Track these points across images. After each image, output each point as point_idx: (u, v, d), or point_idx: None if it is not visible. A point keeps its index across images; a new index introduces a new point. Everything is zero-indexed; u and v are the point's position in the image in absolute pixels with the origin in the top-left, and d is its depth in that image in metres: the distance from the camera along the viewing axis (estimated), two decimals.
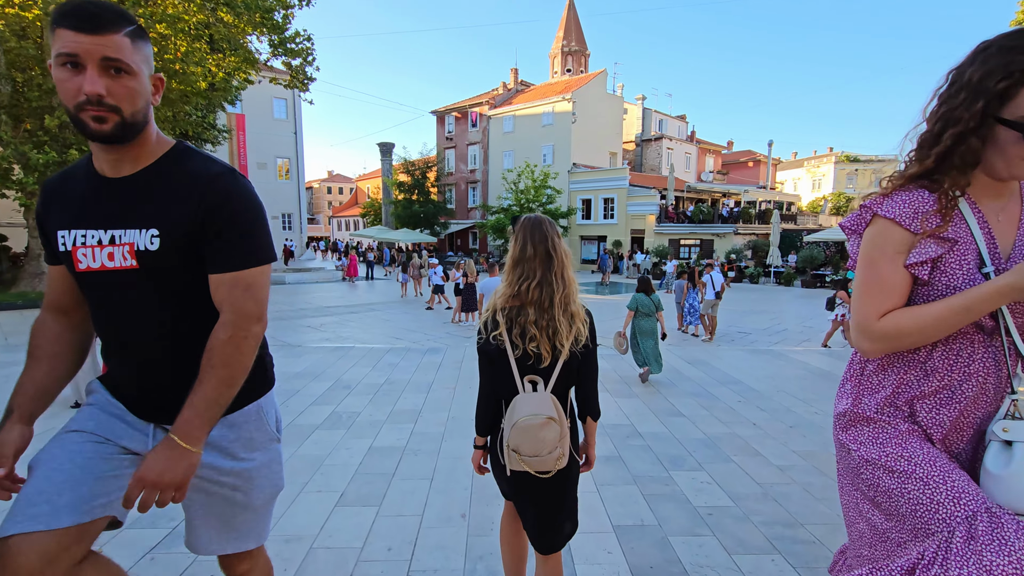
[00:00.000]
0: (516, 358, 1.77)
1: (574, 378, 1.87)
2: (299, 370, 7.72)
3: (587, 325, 1.85)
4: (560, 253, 1.81)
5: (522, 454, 1.68)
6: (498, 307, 1.81)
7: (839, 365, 8.43)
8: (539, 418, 1.65)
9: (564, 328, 1.76)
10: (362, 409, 5.99)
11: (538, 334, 1.74)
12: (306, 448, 4.88)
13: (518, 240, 1.82)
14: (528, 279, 1.76)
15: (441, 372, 7.73)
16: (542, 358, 1.76)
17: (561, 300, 1.77)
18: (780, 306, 16.90)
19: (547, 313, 1.75)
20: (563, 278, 1.79)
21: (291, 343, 9.84)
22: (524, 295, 1.77)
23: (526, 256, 1.78)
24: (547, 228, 1.83)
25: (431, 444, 5.00)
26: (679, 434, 5.30)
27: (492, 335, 1.78)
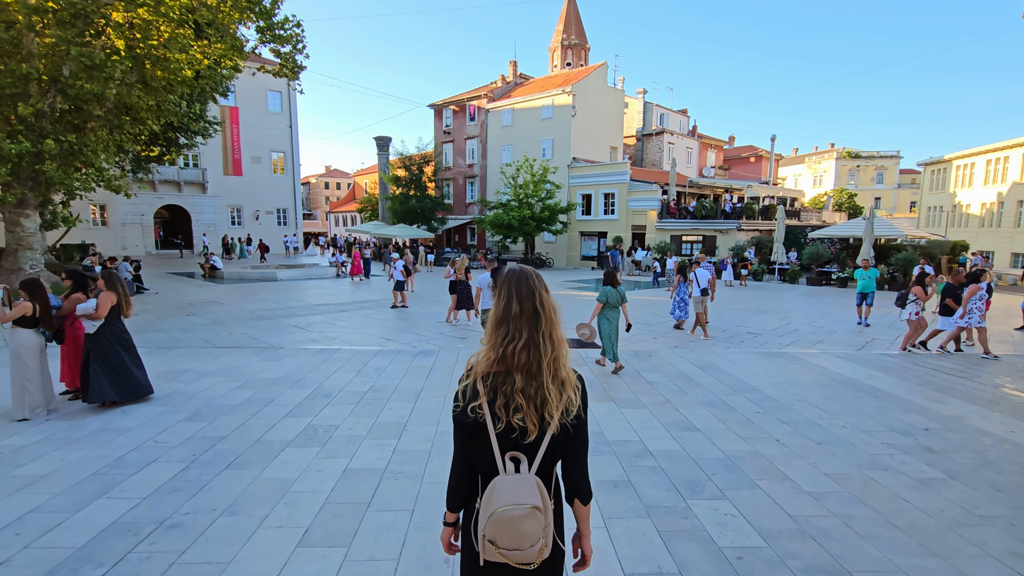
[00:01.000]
0: (498, 432, 1.50)
1: (561, 453, 1.59)
2: (277, 375, 7.13)
3: (579, 392, 1.58)
4: (548, 310, 1.56)
5: (500, 547, 1.45)
6: (479, 374, 1.54)
7: (862, 371, 7.86)
8: (522, 508, 1.43)
9: (554, 397, 1.50)
10: (341, 422, 5.41)
11: (525, 404, 1.48)
12: (273, 470, 4.29)
13: (502, 296, 1.57)
14: (513, 340, 1.50)
15: (432, 378, 7.14)
16: (528, 432, 1.49)
17: (550, 364, 1.52)
18: (786, 304, 16.32)
19: (535, 380, 1.49)
20: (552, 339, 1.54)
21: (273, 344, 9.25)
22: (510, 359, 1.51)
23: (511, 314, 1.53)
24: (534, 282, 1.58)
25: (415, 465, 4.41)
26: (695, 452, 4.72)
27: (471, 406, 1.51)
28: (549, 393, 1.49)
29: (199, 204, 38.15)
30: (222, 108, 37.51)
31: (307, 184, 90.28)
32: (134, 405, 5.81)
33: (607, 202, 32.10)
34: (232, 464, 4.38)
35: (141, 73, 14.01)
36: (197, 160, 38.12)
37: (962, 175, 43.58)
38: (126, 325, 6.04)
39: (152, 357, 8.09)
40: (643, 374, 7.45)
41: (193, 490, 3.92)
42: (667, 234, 29.74)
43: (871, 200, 57.27)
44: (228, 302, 14.74)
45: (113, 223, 35.10)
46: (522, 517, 1.43)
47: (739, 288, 20.25)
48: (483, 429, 1.50)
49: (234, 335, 10.09)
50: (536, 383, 1.49)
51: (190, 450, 4.65)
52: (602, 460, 4.52)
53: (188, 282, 20.15)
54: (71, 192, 14.51)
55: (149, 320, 11.68)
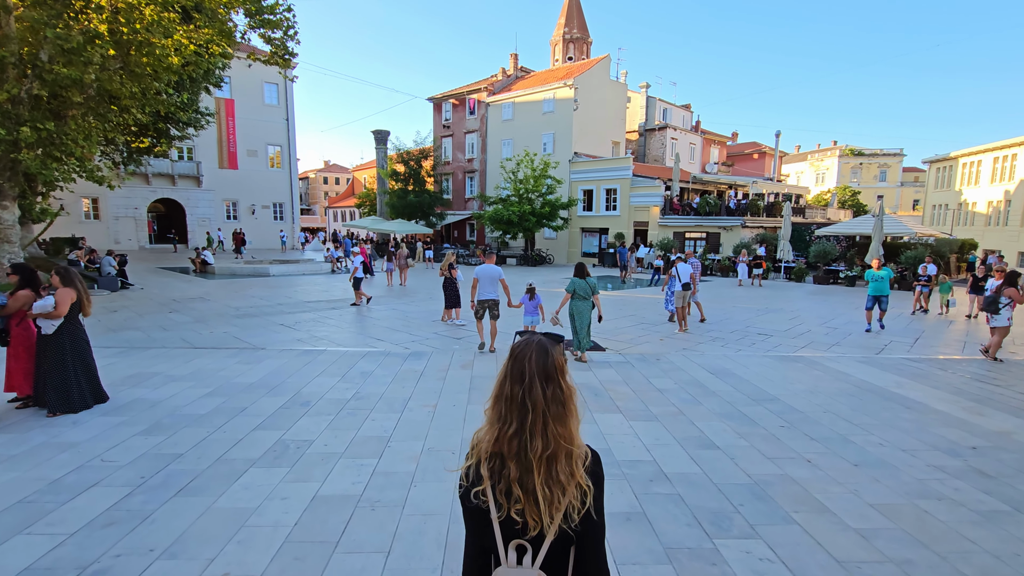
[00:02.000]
0: (500, 521, 1.30)
1: (572, 544, 1.33)
2: (253, 380, 6.54)
3: (589, 493, 1.29)
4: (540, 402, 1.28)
5: None
6: (483, 455, 1.34)
7: (887, 378, 7.27)
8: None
9: (551, 497, 1.26)
10: (317, 436, 4.82)
11: (522, 496, 1.26)
12: (230, 497, 3.70)
13: (503, 369, 1.37)
14: (504, 424, 1.30)
15: (422, 384, 6.55)
16: (528, 526, 1.28)
17: (543, 462, 1.26)
18: (795, 304, 15.73)
19: (528, 474, 1.27)
20: (546, 435, 1.27)
21: (255, 344, 8.65)
22: (503, 444, 1.30)
23: (503, 394, 1.33)
24: (533, 363, 1.31)
25: (396, 491, 3.82)
26: (717, 476, 4.13)
27: (474, 491, 1.32)
28: (545, 491, 1.26)
29: (194, 198, 37.54)
30: (217, 100, 36.82)
31: (305, 179, 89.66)
32: (87, 415, 5.22)
33: (609, 198, 31.47)
34: (184, 489, 3.79)
35: (125, 59, 13.38)
36: (192, 153, 37.50)
37: (968, 173, 42.98)
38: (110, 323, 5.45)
39: (121, 358, 7.51)
40: (652, 380, 6.86)
41: (132, 523, 3.34)
42: (670, 231, 29.13)
43: (874, 198, 56.65)
44: (215, 298, 14.14)
45: (106, 217, 34.47)
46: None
47: (751, 288, 19.53)
48: (486, 516, 1.32)
49: (216, 334, 9.50)
50: (530, 478, 1.26)
51: (139, 471, 4.06)
52: (611, 486, 3.93)
53: (178, 277, 19.54)
54: (51, 183, 13.89)
55: (128, 317, 11.08)
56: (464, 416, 5.37)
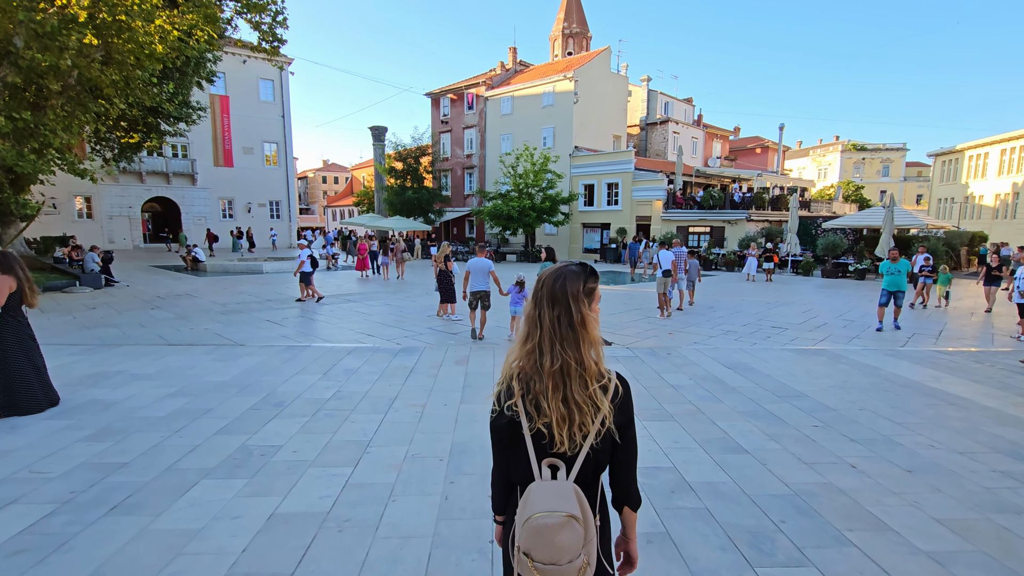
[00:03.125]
0: (532, 434, 1.36)
1: (606, 462, 1.40)
2: (225, 379, 5.93)
3: (618, 402, 1.37)
4: (576, 319, 1.36)
5: (535, 560, 1.27)
6: (514, 374, 1.42)
7: (922, 372, 6.65)
8: (556, 516, 1.26)
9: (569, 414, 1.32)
10: (286, 441, 4.21)
11: (550, 411, 1.32)
12: (172, 515, 3.09)
13: (533, 297, 1.43)
14: (526, 341, 1.40)
15: (411, 381, 5.94)
16: (556, 440, 1.33)
17: (577, 375, 1.34)
18: (806, 297, 15.10)
19: (560, 390, 1.33)
20: (554, 353, 1.34)
21: (234, 340, 8.05)
22: (524, 358, 1.40)
23: (533, 318, 1.40)
24: (567, 284, 1.39)
25: (370, 507, 3.22)
26: (750, 486, 3.52)
27: (506, 405, 1.39)
28: (574, 405, 1.33)
29: (189, 196, 36.95)
30: (211, 96, 36.23)
31: (304, 178, 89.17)
32: (28, 418, 4.61)
33: (610, 192, 30.84)
34: (119, 507, 3.18)
35: (106, 46, 12.79)
36: (186, 151, 36.93)
37: (975, 165, 42.33)
38: (103, 317, 4.85)
39: (85, 356, 6.92)
40: (664, 376, 6.25)
41: (44, 551, 2.73)
42: (673, 225, 28.50)
43: (877, 193, 56.01)
44: (202, 295, 13.54)
45: (99, 216, 33.86)
46: (557, 526, 1.26)
47: (759, 282, 18.78)
48: (518, 430, 1.38)
49: (196, 331, 8.90)
50: (561, 392, 1.34)
51: (72, 484, 3.46)
52: None
53: (167, 275, 18.95)
54: (29, 175, 13.31)
55: (107, 314, 10.49)
56: (456, 417, 4.77)
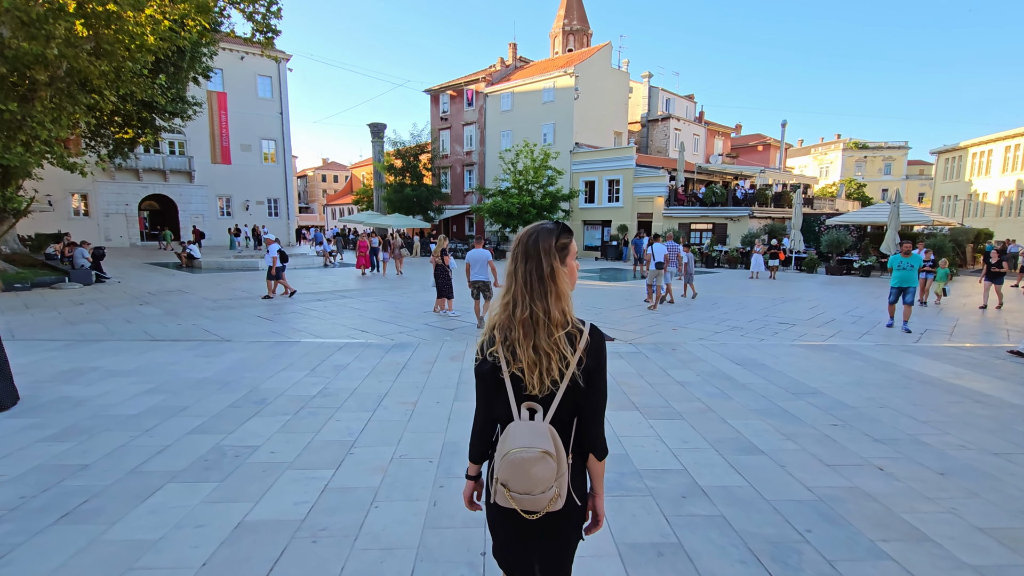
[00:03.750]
0: (510, 377, 1.46)
1: (577, 408, 1.50)
2: (207, 375, 5.62)
3: (588, 350, 1.46)
4: (546, 271, 1.45)
5: (511, 490, 1.41)
6: (495, 324, 1.51)
7: (943, 368, 6.33)
8: (532, 452, 1.38)
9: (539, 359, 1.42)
10: (264, 440, 3.90)
11: (524, 356, 1.43)
12: (128, 524, 2.78)
13: (511, 253, 1.53)
14: (511, 295, 1.49)
15: (403, 378, 5.63)
16: (533, 385, 1.44)
17: (543, 324, 1.43)
18: (811, 294, 14.78)
19: (530, 338, 1.43)
20: (525, 304, 1.44)
21: (221, 336, 7.74)
22: (503, 309, 1.50)
23: (513, 271, 1.50)
24: (539, 240, 1.48)
25: (350, 514, 2.90)
26: (769, 490, 3.21)
27: (488, 352, 1.49)
28: (530, 354, 1.43)
29: (186, 194, 36.62)
30: (209, 93, 35.95)
31: (304, 177, 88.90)
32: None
33: (611, 189, 30.50)
34: (71, 514, 2.87)
35: (96, 37, 12.48)
36: (183, 148, 36.61)
37: (978, 163, 41.99)
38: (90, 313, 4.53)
39: (63, 352, 6.61)
40: (670, 372, 5.93)
41: None
42: (675, 222, 28.17)
43: (879, 191, 55.68)
44: (194, 291, 13.24)
45: (96, 213, 33.54)
46: (532, 460, 1.38)
47: (764, 279, 18.33)
48: (499, 374, 1.48)
49: (183, 326, 8.59)
50: (530, 340, 1.43)
51: (23, 488, 3.15)
52: (633, 505, 3.01)
53: (161, 272, 18.65)
54: (15, 169, 13.00)
55: (93, 310, 10.18)
56: (449, 415, 4.46)
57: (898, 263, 9.41)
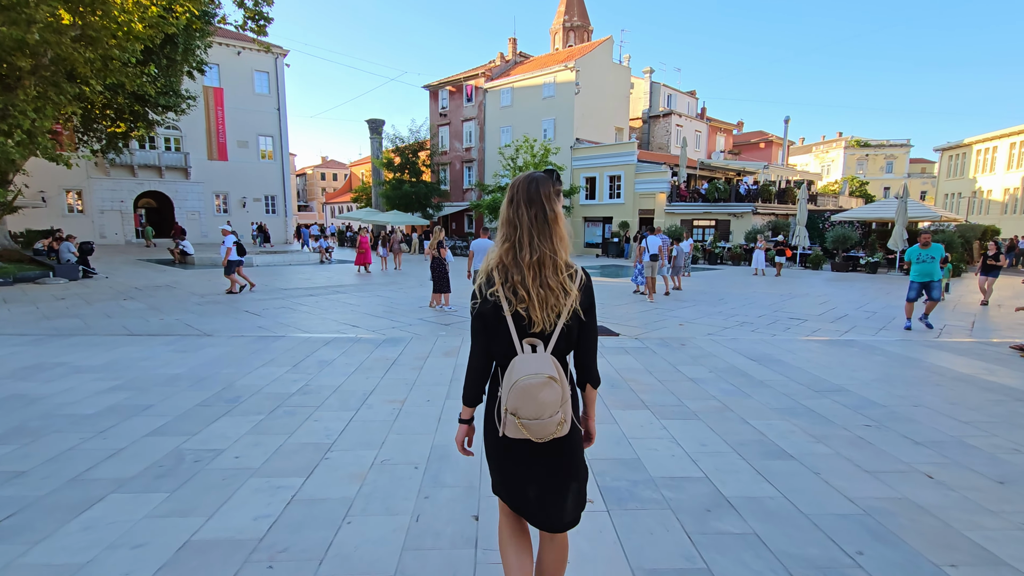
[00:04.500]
0: (512, 315, 1.55)
1: (573, 343, 1.63)
2: (179, 371, 5.19)
3: (582, 288, 1.59)
4: (550, 216, 1.57)
5: (521, 417, 1.49)
6: (493, 266, 1.60)
7: (974, 364, 5.90)
8: (540, 377, 1.47)
9: (556, 292, 1.53)
10: (230, 443, 3.47)
11: (527, 297, 1.52)
12: (54, 544, 2.35)
13: (510, 199, 1.61)
14: (504, 239, 1.59)
15: (392, 374, 5.20)
16: (534, 322, 1.54)
17: (551, 263, 1.54)
18: (819, 290, 14.35)
19: (538, 277, 1.54)
20: (532, 246, 1.54)
21: (203, 330, 7.30)
22: (503, 254, 1.58)
23: (515, 219, 1.57)
24: (540, 187, 1.58)
25: (317, 531, 2.47)
26: (806, 502, 2.77)
27: (488, 292, 1.57)
28: (549, 289, 1.52)
29: (182, 190, 36.14)
30: (205, 89, 35.52)
31: (303, 175, 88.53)
32: None
33: (612, 185, 30.06)
34: None
35: (82, 23, 12.05)
36: (179, 144, 36.15)
37: (983, 160, 41.56)
38: None
39: (30, 347, 6.17)
40: (680, 368, 5.50)
41: None
42: (677, 218, 27.73)
43: (881, 190, 55.24)
44: (183, 286, 12.82)
45: (90, 210, 33.07)
46: (540, 385, 1.46)
47: (770, 277, 17.73)
48: (500, 314, 1.55)
49: (165, 321, 8.16)
50: (539, 280, 1.52)
51: None
52: (649, 520, 2.58)
53: (152, 268, 18.21)
54: (1, 160, 12.56)
55: (73, 304, 9.75)
56: (440, 415, 4.03)
57: (916, 255, 8.49)
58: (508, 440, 1.57)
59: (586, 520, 2.53)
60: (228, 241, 11.47)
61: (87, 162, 30.64)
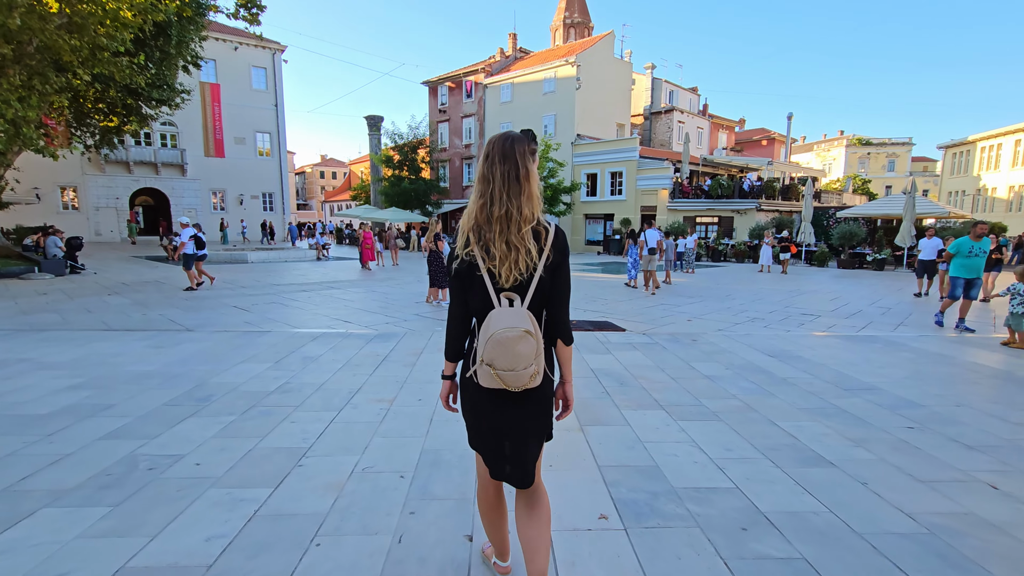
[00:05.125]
0: (487, 272, 1.59)
1: (547, 298, 1.65)
2: (150, 368, 4.78)
3: (552, 243, 1.61)
4: (523, 173, 1.59)
5: (496, 368, 1.54)
6: (468, 228, 1.64)
7: (1008, 361, 5.50)
8: (516, 331, 1.51)
9: (521, 250, 1.56)
10: (193, 448, 3.06)
11: (498, 254, 1.56)
12: None
13: (486, 155, 1.63)
14: (490, 197, 1.59)
15: (382, 371, 4.79)
16: (507, 278, 1.57)
17: (517, 219, 1.57)
18: (828, 286, 13.95)
19: (504, 233, 1.57)
20: (502, 202, 1.56)
21: (185, 325, 6.90)
22: (477, 212, 1.61)
23: (489, 175, 1.60)
24: (515, 144, 1.61)
25: (281, 554, 2.06)
26: (858, 519, 2.36)
27: (465, 251, 1.61)
28: (502, 247, 1.55)
29: (179, 188, 35.71)
30: (202, 84, 35.11)
31: (302, 174, 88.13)
32: None
33: (614, 181, 29.64)
34: None
35: (69, 9, 11.65)
36: (176, 140, 35.73)
37: (987, 157, 41.13)
38: None
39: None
40: (694, 365, 5.09)
41: None
42: (680, 215, 27.29)
43: (883, 188, 54.83)
44: (172, 282, 12.41)
45: (85, 207, 32.66)
46: (516, 338, 1.50)
47: (776, 274, 17.21)
48: (475, 271, 1.59)
49: (148, 316, 7.76)
50: (507, 235, 1.55)
51: None
52: (675, 540, 2.17)
53: (145, 264, 17.81)
54: None
55: (55, 300, 9.34)
56: (431, 415, 3.62)
57: (968, 248, 7.34)
58: (483, 388, 1.60)
59: (600, 541, 2.13)
60: (184, 234, 10.78)
61: (82, 159, 30.24)
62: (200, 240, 10.94)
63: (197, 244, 10.83)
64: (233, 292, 10.73)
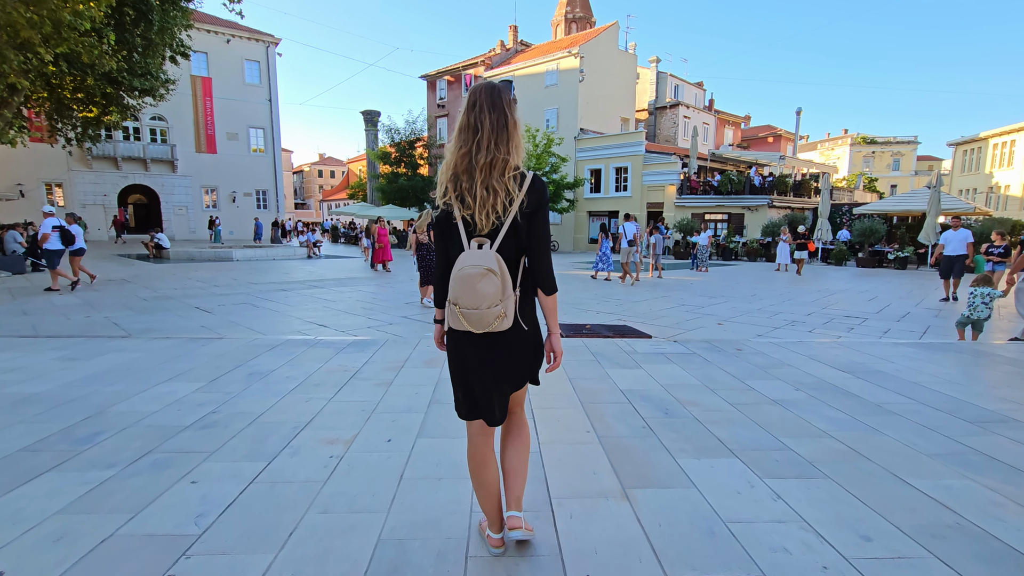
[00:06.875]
0: (461, 220, 1.63)
1: (524, 244, 1.66)
2: (45, 388, 3.61)
3: (531, 189, 1.63)
4: (510, 122, 1.62)
5: (460, 306, 1.56)
6: (447, 179, 1.66)
7: None
8: (478, 268, 1.53)
9: (500, 194, 1.58)
10: (15, 535, 1.92)
11: (472, 201, 1.59)
12: None
13: (472, 103, 1.63)
14: (476, 145, 1.59)
15: (346, 393, 3.65)
16: (481, 224, 1.60)
17: (501, 165, 1.59)
18: (855, 284, 12.81)
19: (487, 179, 1.59)
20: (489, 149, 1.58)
21: (129, 330, 5.75)
22: (457, 161, 1.62)
23: (477, 123, 1.60)
24: (501, 94, 1.64)
25: None
26: None
27: (443, 201, 1.66)
28: (482, 192, 1.57)
29: (169, 184, 34.55)
30: (193, 78, 34.04)
31: (300, 172, 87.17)
32: None
33: (619, 177, 28.50)
34: None
35: None
36: (166, 135, 34.58)
37: (1000, 154, 40.07)
38: None
39: None
40: (751, 383, 3.96)
41: None
42: (688, 211, 26.15)
43: (888, 187, 53.73)
44: (141, 281, 11.30)
45: (71, 204, 31.48)
46: (478, 275, 1.52)
47: (792, 274, 15.82)
48: (452, 219, 1.62)
49: (91, 320, 6.64)
50: (485, 181, 1.57)
51: None
52: None
53: (122, 262, 16.70)
54: None
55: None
56: (403, 467, 2.49)
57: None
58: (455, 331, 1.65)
59: None
60: (46, 225, 9.27)
61: (67, 154, 29.14)
62: (68, 233, 9.40)
63: (64, 237, 9.33)
64: (203, 291, 9.61)
